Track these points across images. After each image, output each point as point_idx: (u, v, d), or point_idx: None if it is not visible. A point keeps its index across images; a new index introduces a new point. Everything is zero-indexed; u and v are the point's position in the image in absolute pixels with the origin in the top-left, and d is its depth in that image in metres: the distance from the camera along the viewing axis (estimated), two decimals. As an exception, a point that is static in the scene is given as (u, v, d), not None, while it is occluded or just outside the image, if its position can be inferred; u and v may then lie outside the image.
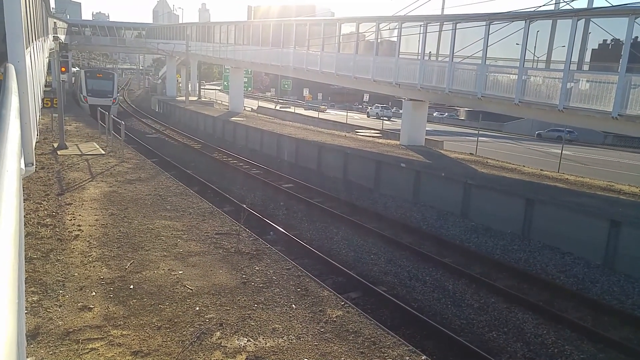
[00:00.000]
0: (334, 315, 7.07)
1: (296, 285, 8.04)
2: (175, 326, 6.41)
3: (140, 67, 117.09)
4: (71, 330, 6.13)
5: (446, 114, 72.99)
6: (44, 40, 19.49)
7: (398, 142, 27.29)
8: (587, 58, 18.65)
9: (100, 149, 19.82)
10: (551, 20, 19.23)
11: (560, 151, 22.52)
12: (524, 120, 51.09)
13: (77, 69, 49.39)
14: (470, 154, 25.33)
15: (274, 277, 8.28)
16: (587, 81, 17.33)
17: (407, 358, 6.16)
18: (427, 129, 28.55)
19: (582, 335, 10.08)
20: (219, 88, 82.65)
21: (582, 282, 12.82)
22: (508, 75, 20.08)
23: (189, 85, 52.79)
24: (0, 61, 5.99)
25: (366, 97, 65.98)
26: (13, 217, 1.33)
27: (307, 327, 6.69)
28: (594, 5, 18.63)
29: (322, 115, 52.38)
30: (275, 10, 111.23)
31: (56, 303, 6.79)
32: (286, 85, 67.48)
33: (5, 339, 0.78)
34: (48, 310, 6.58)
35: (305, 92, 65.96)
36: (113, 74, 41.02)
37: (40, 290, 7.09)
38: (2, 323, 0.81)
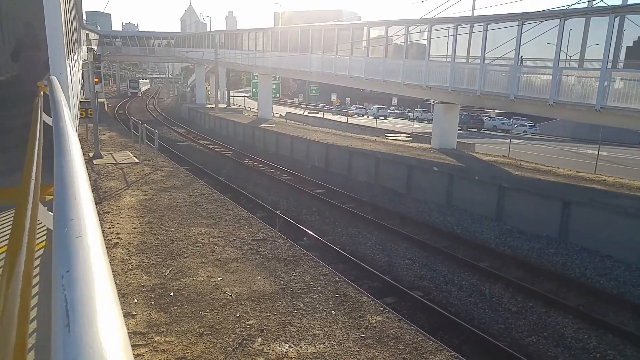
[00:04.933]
0: (374, 321, 7.03)
1: (334, 290, 8.02)
2: (217, 332, 6.46)
3: (170, 76, 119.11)
4: (117, 336, 6.24)
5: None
6: (78, 53, 20.00)
7: (429, 146, 27.04)
8: (622, 56, 18.20)
9: (134, 158, 20.16)
10: (584, 19, 18.79)
11: (596, 152, 21.93)
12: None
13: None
14: (503, 156, 24.93)
15: (311, 283, 8.27)
16: (626, 80, 16.84)
17: (450, 364, 6.09)
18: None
19: (625, 340, 9.84)
20: (247, 95, 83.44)
21: (622, 286, 12.47)
22: (541, 75, 19.69)
23: (218, 93, 53.41)
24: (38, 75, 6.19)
25: (394, 101, 65.77)
26: (96, 227, 1.36)
27: (348, 332, 6.66)
28: (630, 2, 18.15)
29: (350, 120, 52.35)
30: (301, 15, 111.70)
31: (101, 310, 6.92)
32: (314, 91, 67.58)
33: (122, 340, 0.85)
34: (94, 317, 6.71)
35: (333, 97, 66.05)
36: (138, 80, 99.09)
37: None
38: (119, 326, 0.89)
